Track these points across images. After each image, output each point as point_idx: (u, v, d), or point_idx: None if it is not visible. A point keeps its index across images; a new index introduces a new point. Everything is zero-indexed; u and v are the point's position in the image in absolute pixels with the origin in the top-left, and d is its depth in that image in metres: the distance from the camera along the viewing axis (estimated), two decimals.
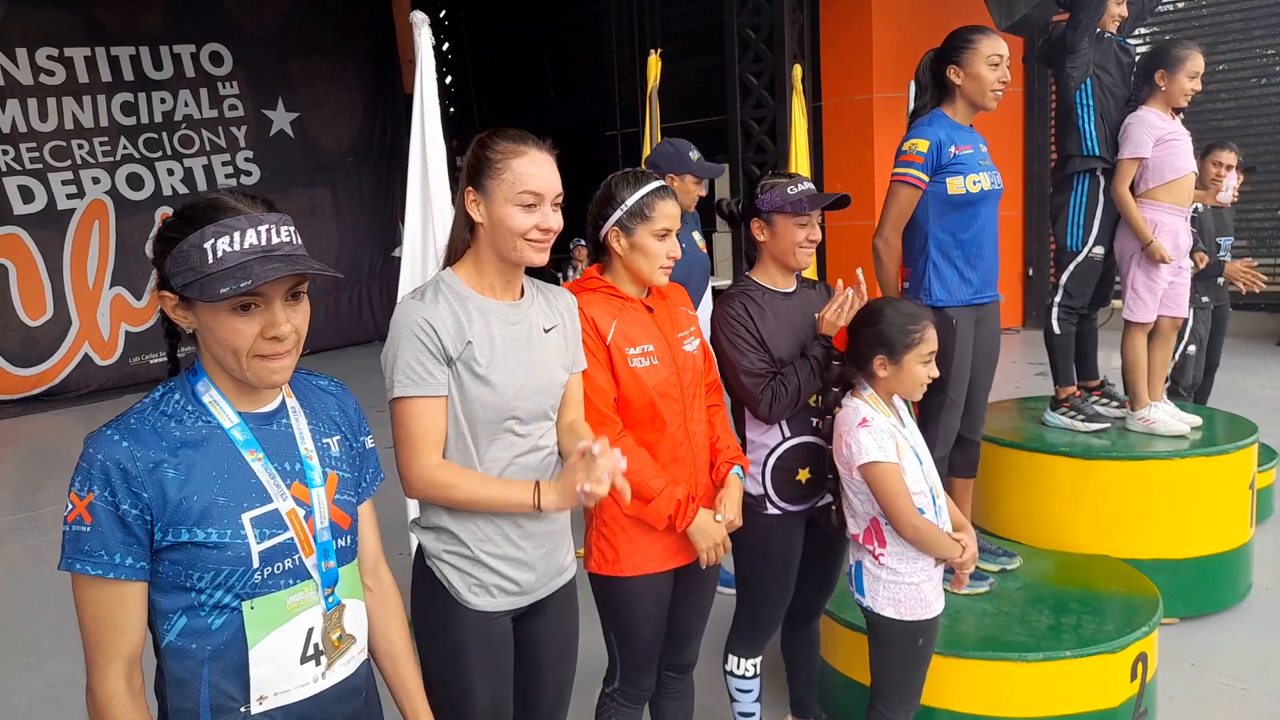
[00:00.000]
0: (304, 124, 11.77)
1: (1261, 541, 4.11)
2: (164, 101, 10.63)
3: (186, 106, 10.81)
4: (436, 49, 3.57)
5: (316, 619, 1.44)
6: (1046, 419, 4.07)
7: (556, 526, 1.99)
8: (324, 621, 1.45)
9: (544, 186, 1.84)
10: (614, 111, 13.37)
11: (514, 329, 1.90)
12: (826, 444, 2.49)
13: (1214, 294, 4.95)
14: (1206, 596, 3.72)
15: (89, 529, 1.30)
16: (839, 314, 2.42)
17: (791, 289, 2.54)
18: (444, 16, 14.92)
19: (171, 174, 10.67)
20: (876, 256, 3.07)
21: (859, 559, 2.39)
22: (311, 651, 1.44)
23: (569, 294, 2.11)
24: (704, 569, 2.26)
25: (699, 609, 2.41)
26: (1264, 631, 3.61)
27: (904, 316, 2.30)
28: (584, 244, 5.63)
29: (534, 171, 1.84)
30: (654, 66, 5.12)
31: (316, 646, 1.44)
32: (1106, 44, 3.85)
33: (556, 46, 14.71)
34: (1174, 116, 3.79)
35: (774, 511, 2.50)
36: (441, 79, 11.06)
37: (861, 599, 2.38)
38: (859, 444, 2.25)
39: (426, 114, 3.49)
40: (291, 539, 1.40)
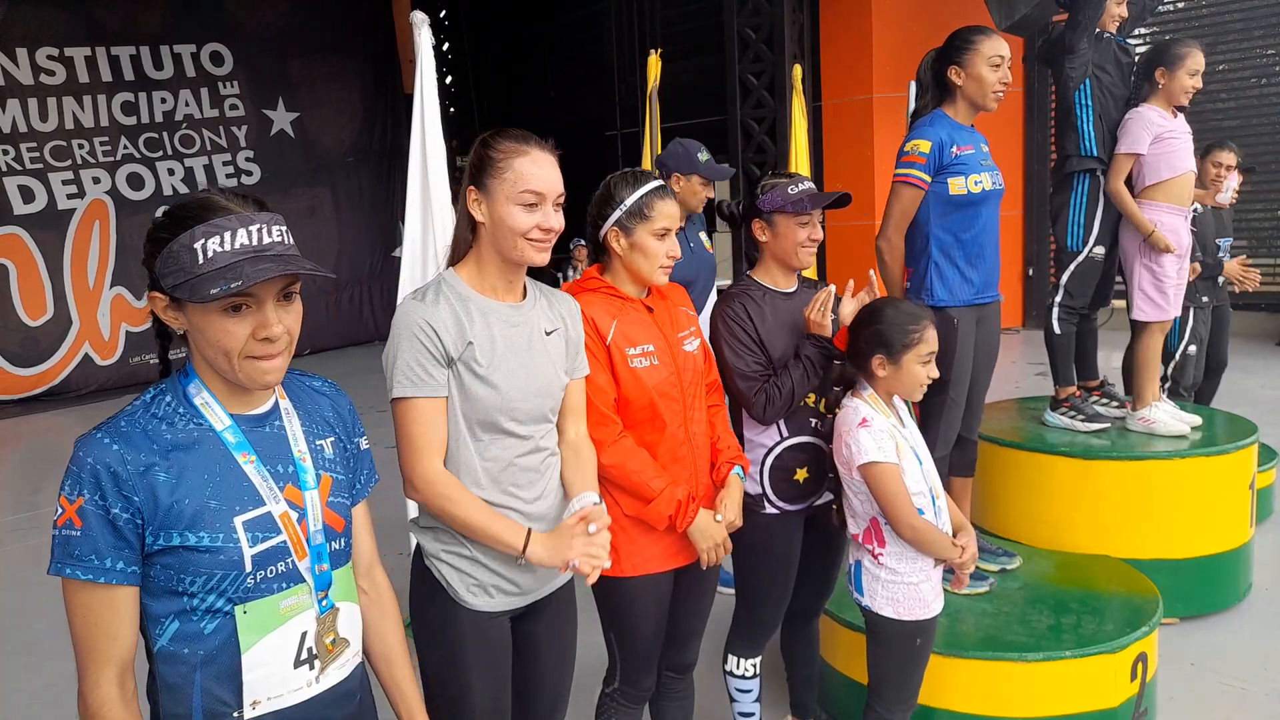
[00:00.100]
0: (304, 124, 11.79)
1: (1261, 541, 4.11)
2: (164, 101, 10.64)
3: (187, 106, 10.82)
4: (436, 49, 3.57)
5: (310, 623, 1.42)
6: (1046, 419, 4.07)
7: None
8: (317, 625, 1.43)
9: (546, 186, 1.84)
10: (614, 111, 13.37)
11: (515, 331, 1.90)
12: (825, 444, 2.49)
13: (1214, 294, 4.95)
14: (1206, 596, 3.72)
15: (79, 533, 1.28)
16: (823, 312, 2.40)
17: (792, 289, 2.54)
18: (444, 16, 14.92)
19: (172, 174, 10.68)
20: (880, 257, 3.07)
21: (858, 558, 2.40)
22: (305, 656, 1.42)
23: (572, 299, 2.10)
24: (704, 569, 2.26)
25: (699, 609, 2.41)
26: (1264, 631, 3.61)
27: (904, 317, 2.30)
28: (584, 244, 5.63)
29: (536, 171, 1.83)
30: (654, 66, 5.11)
31: (310, 650, 1.43)
32: (1106, 44, 3.85)
33: (556, 46, 14.70)
34: (1175, 115, 3.79)
35: (772, 511, 2.50)
36: (441, 79, 11.06)
37: (860, 598, 2.38)
38: (859, 444, 2.25)
39: (426, 114, 3.49)
40: (284, 542, 1.39)
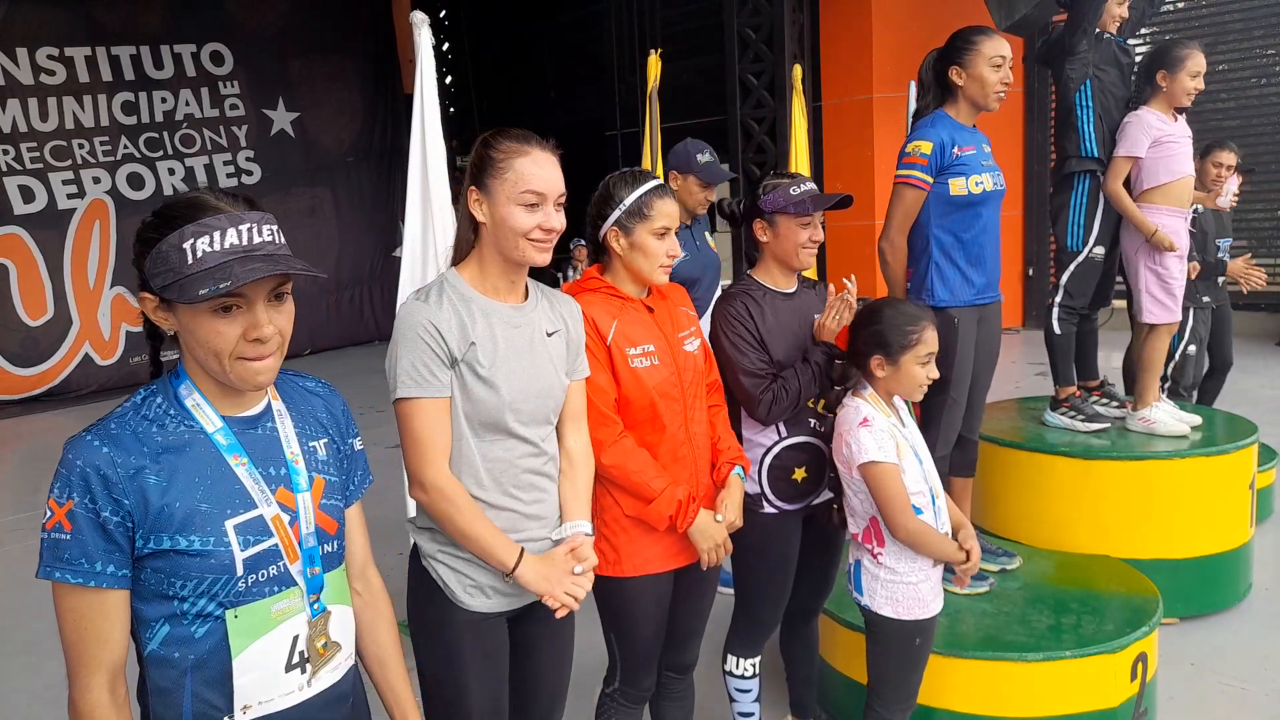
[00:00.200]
0: (304, 124, 11.79)
1: (1261, 541, 4.11)
2: (165, 101, 10.64)
3: (187, 106, 10.83)
4: (436, 49, 3.57)
5: (301, 626, 1.41)
6: (1046, 419, 4.07)
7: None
8: (309, 629, 1.42)
9: (547, 186, 1.83)
10: (614, 111, 13.38)
11: (516, 332, 1.90)
12: (823, 444, 2.49)
13: (1214, 294, 4.95)
14: (1206, 596, 3.72)
15: (68, 536, 1.27)
16: (838, 320, 2.43)
17: (792, 289, 2.54)
18: (444, 16, 14.93)
19: (173, 173, 10.68)
20: (882, 259, 3.06)
21: (858, 558, 2.40)
22: (296, 660, 1.40)
23: (573, 300, 2.10)
24: (705, 570, 2.26)
25: (699, 610, 2.41)
26: (1264, 631, 3.61)
27: (903, 317, 2.30)
28: (584, 244, 5.63)
29: (537, 171, 1.83)
30: (654, 66, 5.10)
31: (301, 654, 1.41)
32: (1106, 45, 3.84)
33: (556, 46, 14.71)
34: (1176, 117, 3.79)
35: (770, 510, 2.50)
36: (441, 79, 11.04)
37: (860, 598, 2.38)
38: (859, 443, 2.25)
39: (426, 114, 3.49)
40: (276, 545, 1.37)
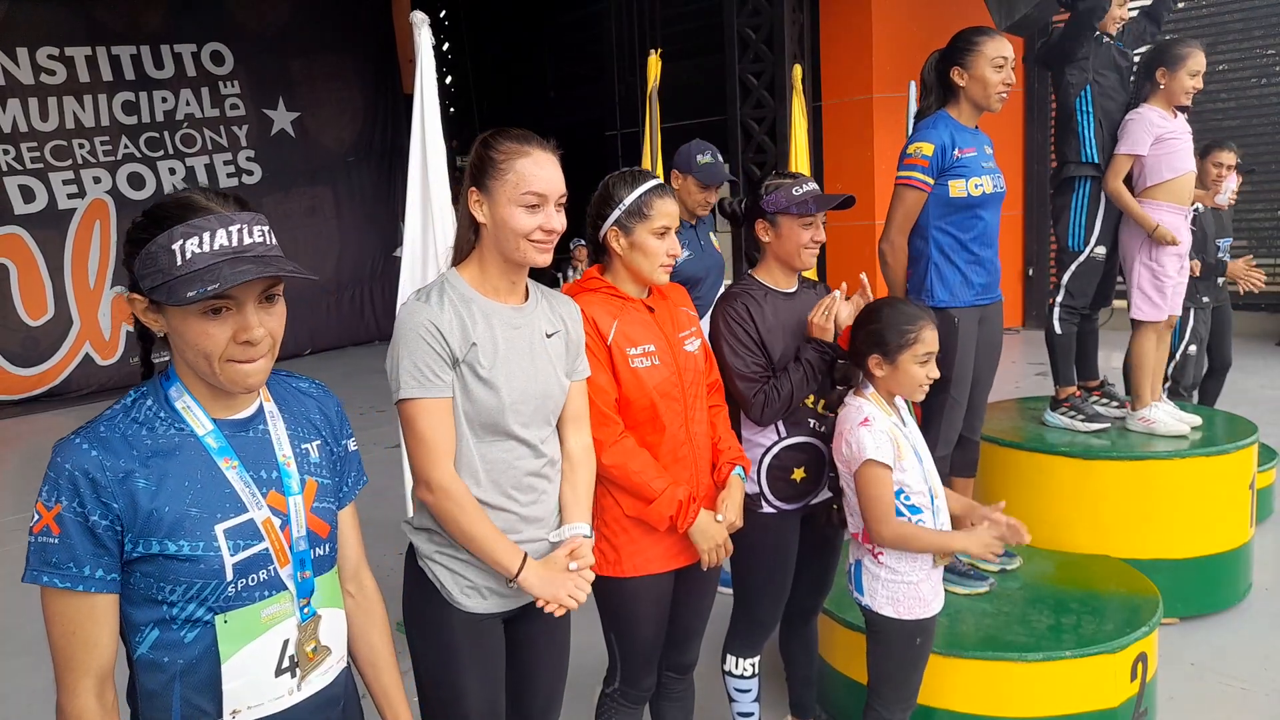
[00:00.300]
0: (305, 123, 11.79)
1: (1261, 541, 4.11)
2: (165, 101, 10.64)
3: (188, 106, 10.83)
4: (436, 49, 3.57)
5: (291, 630, 1.39)
6: (1046, 419, 4.07)
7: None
8: (299, 633, 1.40)
9: (547, 187, 1.83)
10: (614, 111, 13.37)
11: (516, 333, 1.89)
12: (823, 444, 2.49)
13: (1214, 294, 4.95)
14: (1206, 596, 3.72)
15: (57, 540, 1.26)
16: (827, 317, 2.41)
17: (793, 289, 2.54)
18: (444, 16, 14.92)
19: (173, 173, 10.68)
20: (883, 260, 3.06)
21: (858, 558, 2.40)
22: (286, 664, 1.39)
23: (573, 301, 2.10)
24: (705, 570, 2.26)
25: (699, 610, 2.41)
26: (1264, 631, 3.61)
27: (901, 317, 2.30)
28: (584, 244, 5.63)
29: (537, 172, 1.82)
30: (654, 66, 5.10)
31: (291, 659, 1.40)
32: (1105, 49, 3.84)
33: (556, 46, 14.71)
34: (1176, 115, 3.79)
35: (769, 510, 2.50)
36: (441, 79, 11.06)
37: (860, 597, 2.38)
38: (859, 442, 2.25)
39: (426, 114, 3.49)
40: (266, 550, 1.36)
